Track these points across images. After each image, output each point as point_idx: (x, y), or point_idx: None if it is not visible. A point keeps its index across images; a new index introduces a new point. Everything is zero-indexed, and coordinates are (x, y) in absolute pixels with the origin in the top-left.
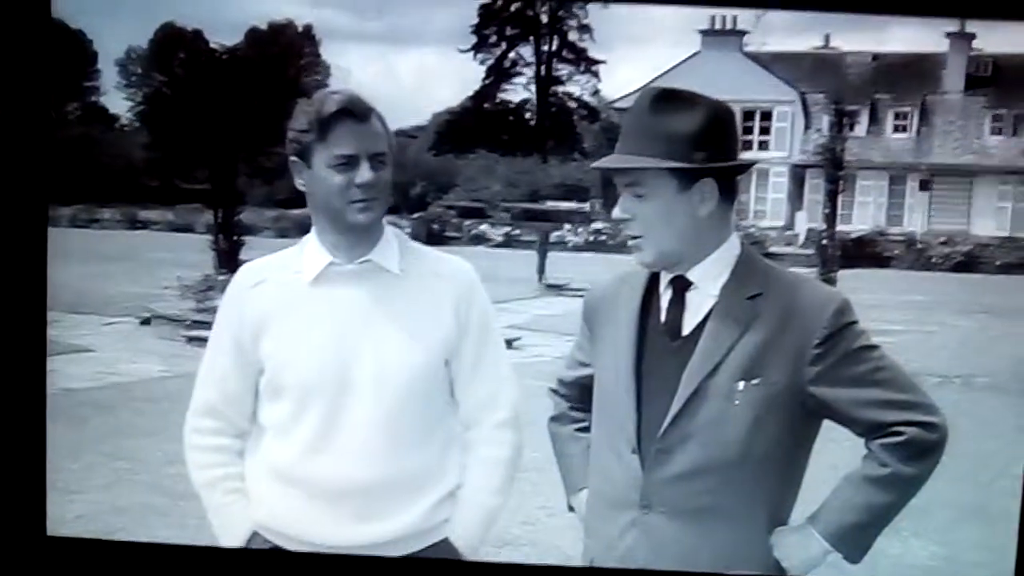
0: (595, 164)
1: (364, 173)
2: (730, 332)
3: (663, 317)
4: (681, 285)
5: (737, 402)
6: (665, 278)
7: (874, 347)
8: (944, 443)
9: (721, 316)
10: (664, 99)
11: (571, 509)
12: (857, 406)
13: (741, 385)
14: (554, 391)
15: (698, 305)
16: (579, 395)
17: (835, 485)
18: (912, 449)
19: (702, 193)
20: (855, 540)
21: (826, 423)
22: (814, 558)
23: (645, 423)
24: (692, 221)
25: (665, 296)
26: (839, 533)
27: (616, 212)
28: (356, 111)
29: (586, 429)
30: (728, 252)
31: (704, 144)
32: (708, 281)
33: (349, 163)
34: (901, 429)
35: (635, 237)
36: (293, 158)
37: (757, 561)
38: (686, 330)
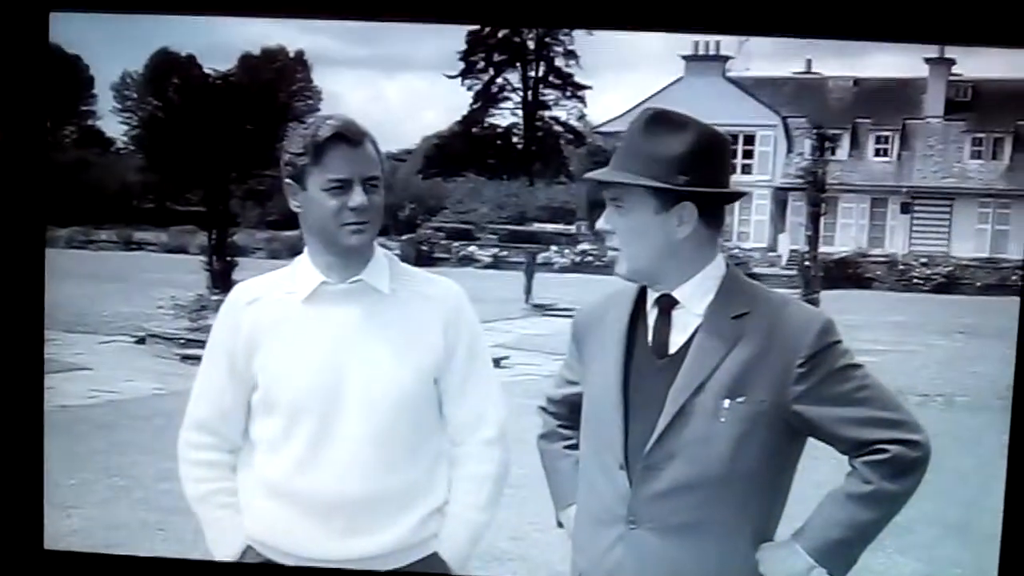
0: (586, 176)
1: (357, 197)
2: (715, 351)
3: (650, 336)
4: (667, 304)
5: (723, 420)
6: (652, 297)
7: (858, 366)
8: (927, 461)
9: (707, 335)
10: (656, 121)
11: (560, 525)
12: (841, 424)
13: (726, 403)
14: (543, 409)
15: (684, 324)
16: (568, 413)
17: (819, 502)
18: (895, 466)
19: (680, 216)
20: (839, 556)
21: (810, 441)
22: (799, 574)
23: (632, 440)
24: (668, 242)
25: (652, 315)
26: (823, 549)
27: (599, 223)
28: (350, 135)
29: (575, 446)
30: (713, 272)
31: (687, 168)
32: (694, 301)
33: (343, 187)
34: (885, 447)
35: (615, 249)
36: (288, 181)
37: None
38: (672, 348)
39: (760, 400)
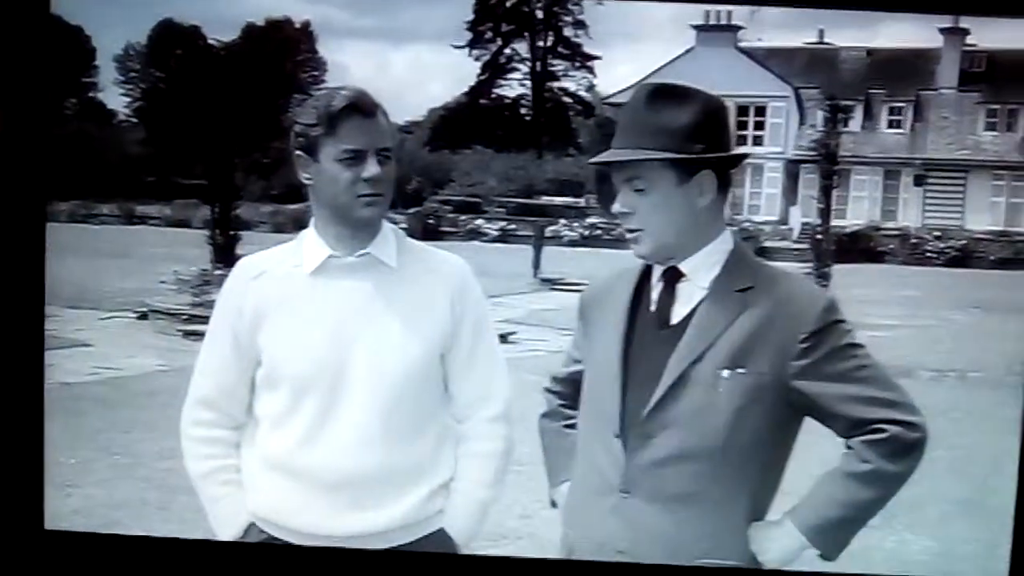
0: (593, 160)
1: (371, 168)
2: (718, 321)
3: (653, 307)
4: (673, 276)
5: (721, 390)
6: (658, 270)
7: (859, 345)
8: (924, 444)
9: (710, 306)
10: (660, 94)
11: (553, 505)
12: (840, 401)
13: (726, 373)
14: (547, 389)
15: (688, 296)
16: (571, 392)
17: (815, 483)
18: (894, 446)
19: (701, 185)
20: (833, 536)
21: (807, 423)
22: (790, 552)
23: (630, 409)
24: (691, 213)
25: (657, 288)
26: (818, 528)
27: (616, 207)
28: (364, 106)
29: (574, 426)
30: (721, 246)
31: (701, 136)
32: (700, 273)
33: (356, 158)
34: (884, 426)
35: (634, 230)
36: (299, 152)
37: (734, 551)
38: (675, 319)
39: (760, 372)
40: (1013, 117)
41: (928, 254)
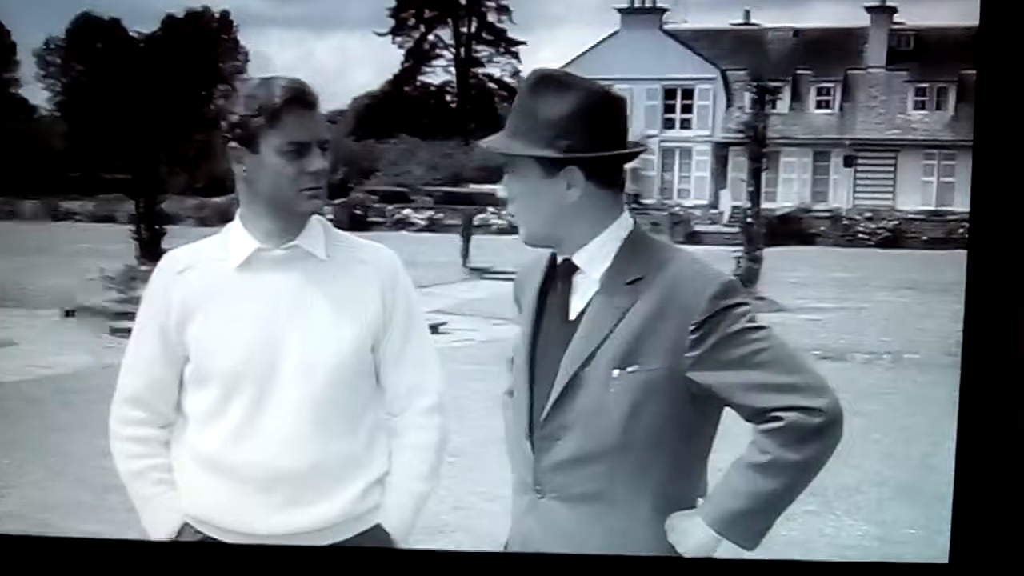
0: (479, 143)
1: (316, 161)
2: (608, 319)
3: (556, 300)
4: (568, 269)
5: (613, 390)
6: (559, 261)
7: (755, 329)
8: (831, 427)
9: (600, 302)
10: (541, 84)
11: None
12: (735, 390)
13: (616, 373)
14: (510, 361)
15: (584, 289)
16: None
17: (723, 473)
18: (792, 434)
19: (568, 180)
20: (743, 527)
21: None
22: (704, 544)
23: (535, 408)
24: (559, 206)
25: (560, 279)
26: (724, 520)
27: (499, 191)
28: (306, 98)
29: None
30: (615, 234)
31: (569, 132)
32: (592, 266)
33: (300, 150)
34: (779, 414)
35: (513, 215)
36: (233, 144)
37: (647, 546)
38: (572, 314)
39: (652, 368)
40: (942, 95)
41: (860, 235)
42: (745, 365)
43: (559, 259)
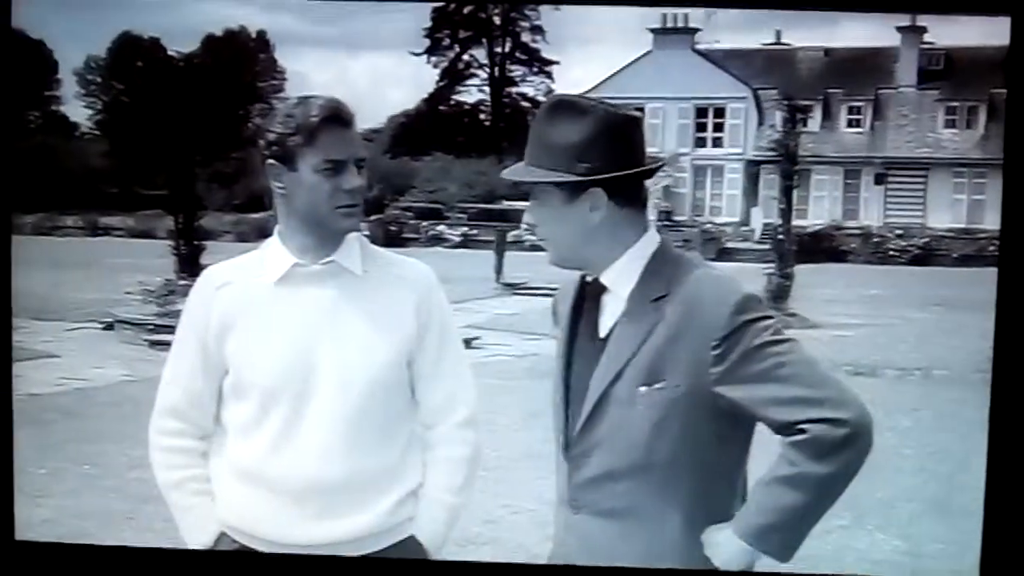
0: (501, 174)
1: (353, 179)
2: (634, 337)
3: (587, 319)
4: (597, 289)
5: (639, 407)
6: (589, 280)
7: (778, 342)
8: (857, 439)
9: (627, 321)
10: (557, 109)
11: None
12: (760, 405)
13: (643, 390)
14: None
15: (614, 308)
16: None
17: (753, 485)
18: (818, 447)
19: (591, 202)
20: (776, 541)
21: None
22: (739, 558)
23: (570, 426)
24: (584, 228)
25: (590, 299)
26: (757, 535)
27: (525, 217)
28: (343, 116)
29: None
30: (641, 252)
31: (587, 155)
32: (619, 284)
33: (337, 168)
34: (804, 427)
35: (542, 239)
36: (271, 161)
37: (679, 560)
38: (602, 332)
39: (677, 385)
40: (972, 114)
41: (890, 253)
42: (768, 379)
43: (588, 279)
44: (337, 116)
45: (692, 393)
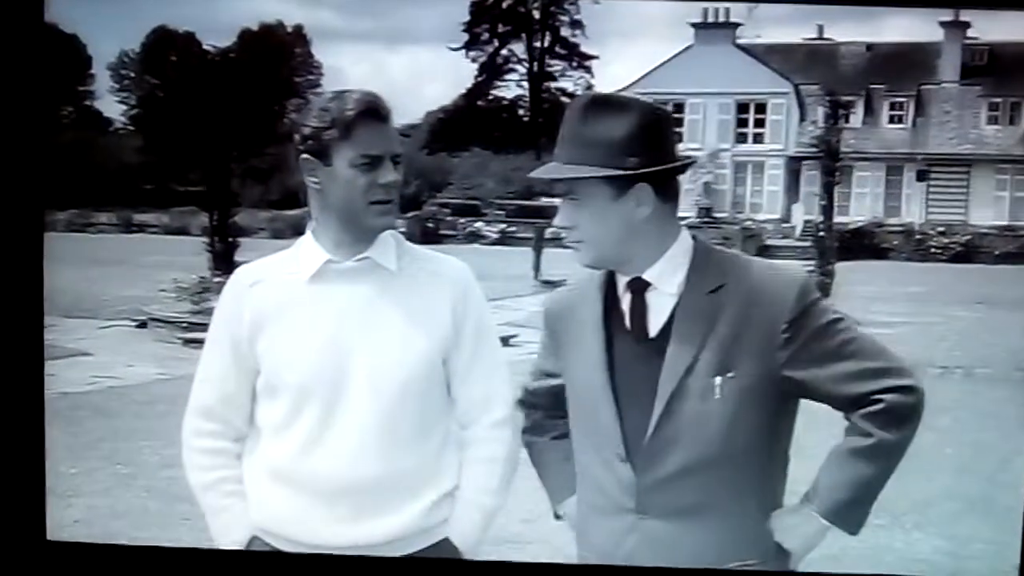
0: (531, 174)
1: (388, 174)
2: (698, 329)
3: (627, 321)
4: (640, 287)
5: (717, 397)
6: (622, 280)
7: (839, 319)
8: (922, 406)
9: (686, 314)
10: (595, 105)
11: (558, 517)
12: (833, 382)
13: (718, 380)
14: (523, 402)
15: (660, 305)
16: (552, 403)
17: (824, 461)
18: (893, 415)
19: (638, 198)
20: (851, 514)
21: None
22: (814, 536)
23: (629, 429)
24: (629, 225)
25: (625, 299)
26: (835, 509)
27: (557, 221)
28: (380, 111)
29: (562, 436)
30: (681, 248)
31: (635, 149)
32: (665, 280)
33: (373, 163)
34: (880, 397)
35: (577, 241)
36: (307, 156)
37: (756, 549)
38: (653, 331)
39: (749, 373)
40: (1016, 110)
41: (932, 250)
42: (839, 357)
43: (623, 280)
44: (374, 110)
45: (763, 379)
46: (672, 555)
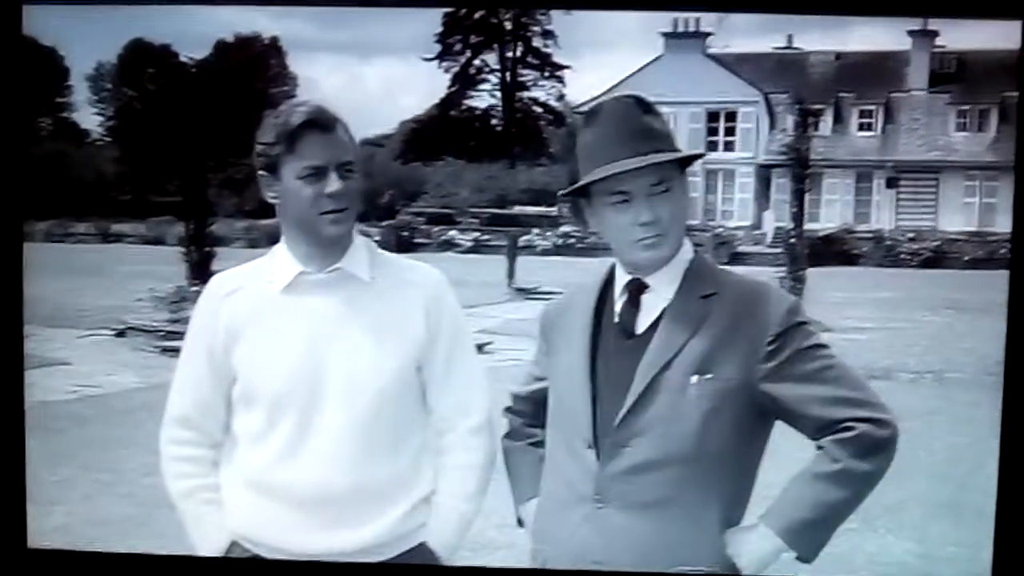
0: (627, 167)
1: (333, 183)
2: (683, 329)
3: (617, 319)
4: (637, 288)
5: (689, 396)
6: (620, 283)
7: (824, 346)
8: (895, 441)
9: (675, 314)
10: (642, 102)
11: (520, 523)
12: (809, 403)
13: (694, 379)
14: (508, 409)
15: (652, 306)
16: (534, 411)
17: (787, 483)
18: (863, 444)
19: (685, 187)
20: (808, 537)
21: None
22: (767, 556)
23: (600, 418)
24: (686, 214)
25: (620, 300)
26: (792, 529)
27: (645, 217)
28: (322, 122)
29: (538, 444)
30: (683, 256)
31: (675, 140)
32: (663, 284)
33: (317, 174)
34: (852, 424)
35: (655, 236)
36: (262, 172)
37: (709, 557)
38: (639, 329)
39: (728, 378)
40: (984, 117)
41: (902, 256)
42: (818, 380)
43: (621, 282)
44: (315, 121)
45: (739, 387)
46: (624, 547)
